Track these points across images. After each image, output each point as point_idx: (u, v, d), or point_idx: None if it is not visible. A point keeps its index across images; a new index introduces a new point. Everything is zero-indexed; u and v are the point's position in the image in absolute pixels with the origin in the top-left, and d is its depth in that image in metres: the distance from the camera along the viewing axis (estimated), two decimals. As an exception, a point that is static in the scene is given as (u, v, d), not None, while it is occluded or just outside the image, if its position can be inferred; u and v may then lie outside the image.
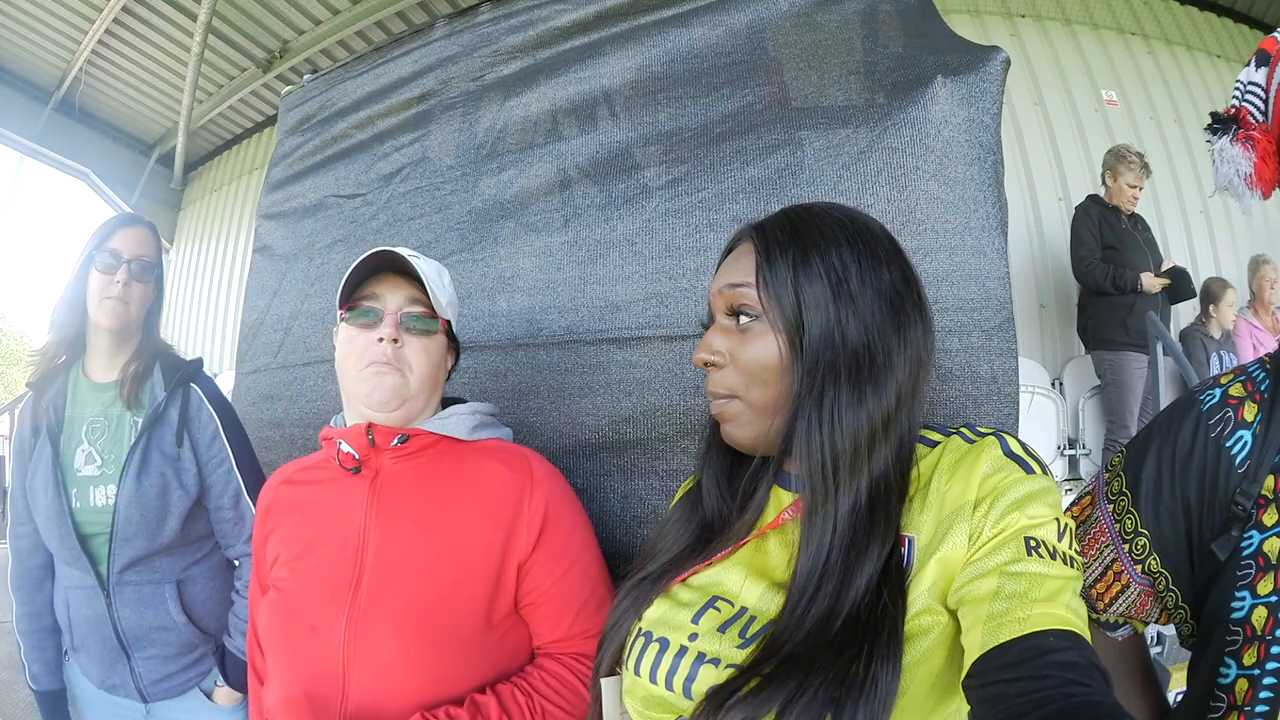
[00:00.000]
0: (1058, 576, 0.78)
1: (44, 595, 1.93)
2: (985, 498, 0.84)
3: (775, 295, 0.93)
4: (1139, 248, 4.85)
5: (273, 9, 7.72)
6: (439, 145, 2.12)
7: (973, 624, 0.78)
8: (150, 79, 9.24)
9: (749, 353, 0.95)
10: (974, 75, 1.41)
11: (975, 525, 0.83)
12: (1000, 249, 1.37)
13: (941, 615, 0.83)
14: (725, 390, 0.97)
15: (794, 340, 0.92)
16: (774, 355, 0.93)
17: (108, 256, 1.82)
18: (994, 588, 0.78)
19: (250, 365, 2.48)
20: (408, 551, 1.26)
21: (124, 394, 1.85)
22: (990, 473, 0.86)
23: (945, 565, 0.84)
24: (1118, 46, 6.42)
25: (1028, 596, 0.76)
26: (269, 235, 2.56)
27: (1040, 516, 0.82)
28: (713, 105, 1.67)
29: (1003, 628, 0.75)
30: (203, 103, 9.35)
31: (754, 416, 0.96)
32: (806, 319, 0.91)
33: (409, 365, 1.32)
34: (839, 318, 0.91)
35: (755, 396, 0.95)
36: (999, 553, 0.81)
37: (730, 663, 0.87)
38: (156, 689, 1.86)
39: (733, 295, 0.97)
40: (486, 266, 1.92)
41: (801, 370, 0.91)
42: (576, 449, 1.71)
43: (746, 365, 0.95)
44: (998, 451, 0.88)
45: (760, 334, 0.94)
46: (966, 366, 1.35)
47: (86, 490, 1.81)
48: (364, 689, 1.19)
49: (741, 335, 0.96)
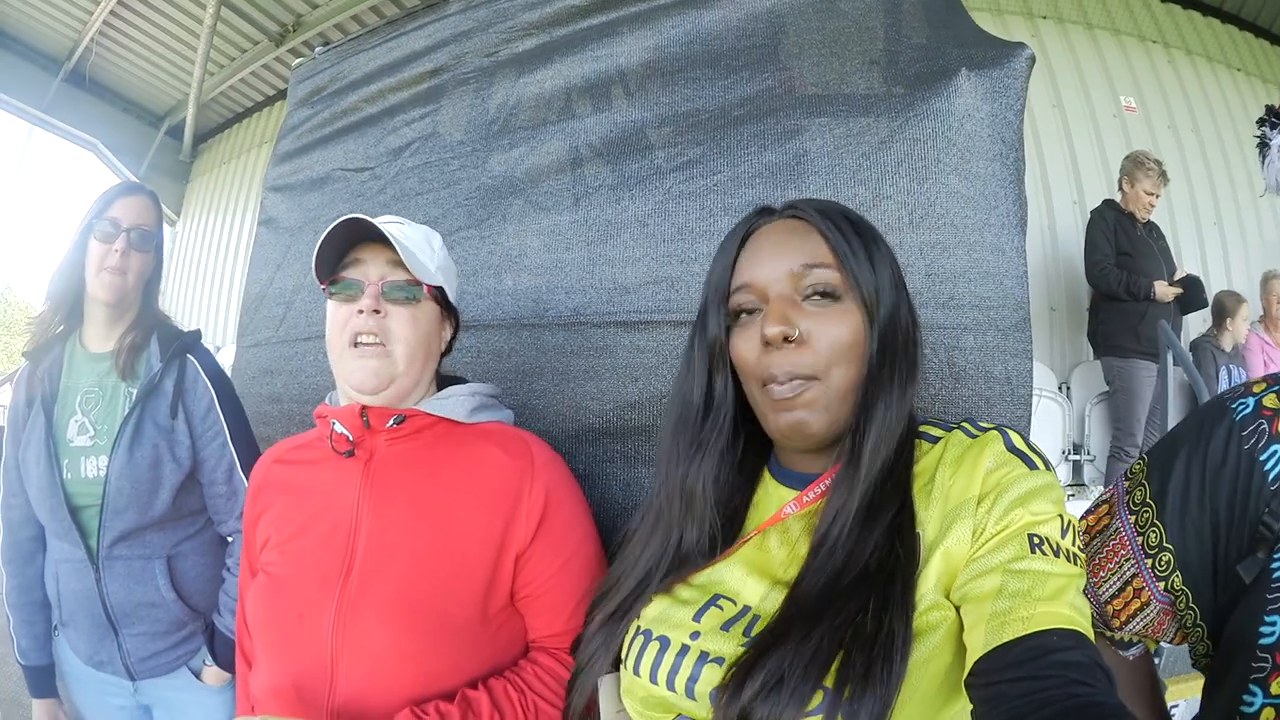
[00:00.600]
0: (1061, 574, 0.78)
1: (34, 568, 1.92)
2: (989, 493, 0.84)
3: (857, 271, 0.94)
4: (1153, 255, 4.83)
5: (287, -22, 7.70)
6: (450, 120, 2.09)
7: (976, 622, 0.78)
8: (162, 50, 9.23)
9: (834, 332, 0.93)
10: (999, 70, 1.39)
11: (979, 520, 0.83)
12: (1019, 248, 1.35)
13: (949, 610, 0.83)
14: (807, 370, 0.92)
15: (872, 318, 0.93)
16: (859, 334, 0.93)
17: (107, 225, 1.80)
18: (997, 585, 0.78)
19: (251, 339, 2.45)
20: (401, 538, 1.22)
21: (119, 364, 1.82)
22: (994, 468, 0.86)
23: (949, 560, 0.84)
24: (1138, 53, 6.39)
25: (1031, 595, 0.76)
26: (275, 208, 2.53)
27: (1044, 513, 0.82)
28: (731, 88, 1.63)
29: (1006, 627, 0.75)
30: (214, 75, 9.33)
31: (833, 400, 0.93)
32: (883, 297, 0.94)
33: (394, 336, 1.26)
34: (899, 301, 0.96)
35: (837, 378, 0.93)
36: (1002, 550, 0.80)
37: (734, 662, 0.85)
38: (144, 666, 1.84)
39: (807, 276, 0.94)
40: (494, 244, 1.89)
41: (874, 350, 0.93)
42: (579, 433, 1.68)
43: (833, 343, 0.93)
44: (1000, 446, 0.88)
45: (843, 313, 0.93)
46: (981, 366, 1.33)
47: (78, 461, 1.79)
48: (353, 680, 1.16)
49: (820, 313, 0.93)
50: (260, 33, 8.56)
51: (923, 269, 1.35)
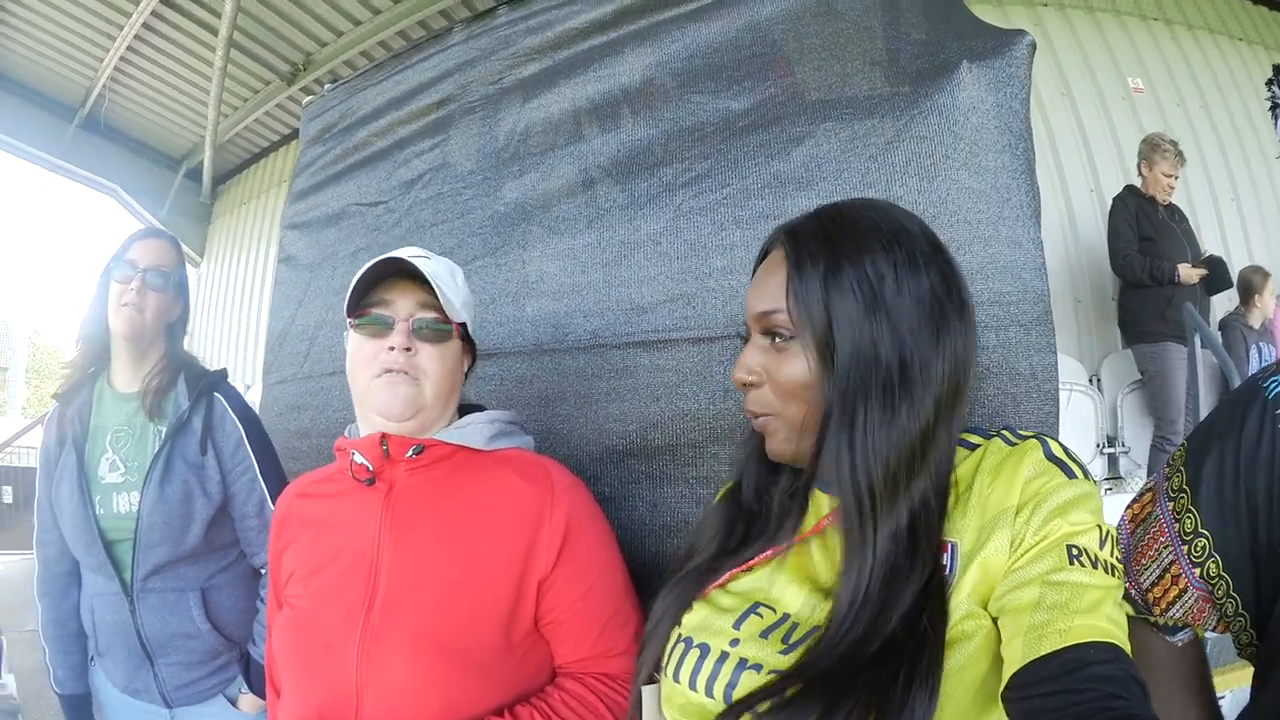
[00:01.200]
0: (1099, 586, 0.78)
1: (70, 601, 1.96)
2: (1027, 503, 0.83)
3: (806, 312, 0.92)
4: (1176, 239, 4.78)
5: (293, 21, 7.78)
6: (459, 150, 2.10)
7: (1013, 635, 0.78)
8: (174, 94, 9.38)
9: (783, 371, 0.94)
10: (1000, 60, 1.37)
11: (1017, 531, 0.82)
12: (1035, 239, 1.32)
13: (984, 620, 0.82)
14: (763, 409, 0.98)
15: (825, 357, 0.90)
16: (805, 373, 0.92)
17: (125, 267, 1.85)
18: (1035, 597, 0.78)
19: (277, 375, 2.48)
20: (423, 569, 1.22)
21: (146, 405, 1.87)
22: (1033, 476, 0.85)
23: (986, 570, 0.83)
24: (1141, 32, 6.34)
25: (1069, 607, 0.76)
26: (293, 245, 2.56)
27: (1082, 523, 0.81)
28: (734, 99, 1.63)
29: (1043, 640, 0.75)
30: (228, 116, 9.45)
31: (791, 433, 0.96)
32: (837, 336, 0.89)
33: (423, 373, 1.27)
34: (871, 333, 0.89)
35: (792, 413, 0.95)
36: (1040, 561, 0.80)
37: (773, 669, 0.86)
38: (180, 694, 1.88)
39: (765, 320, 0.96)
40: (510, 271, 1.90)
41: (832, 389, 0.89)
42: (604, 456, 1.68)
43: (782, 384, 0.95)
44: (1040, 455, 0.87)
45: (794, 352, 0.93)
46: (1004, 363, 1.31)
47: (110, 497, 1.84)
48: (377, 711, 1.16)
49: (777, 354, 0.95)
50: (271, 73, 8.66)
51: None
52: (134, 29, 7.96)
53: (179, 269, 1.95)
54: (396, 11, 7.47)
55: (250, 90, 9.12)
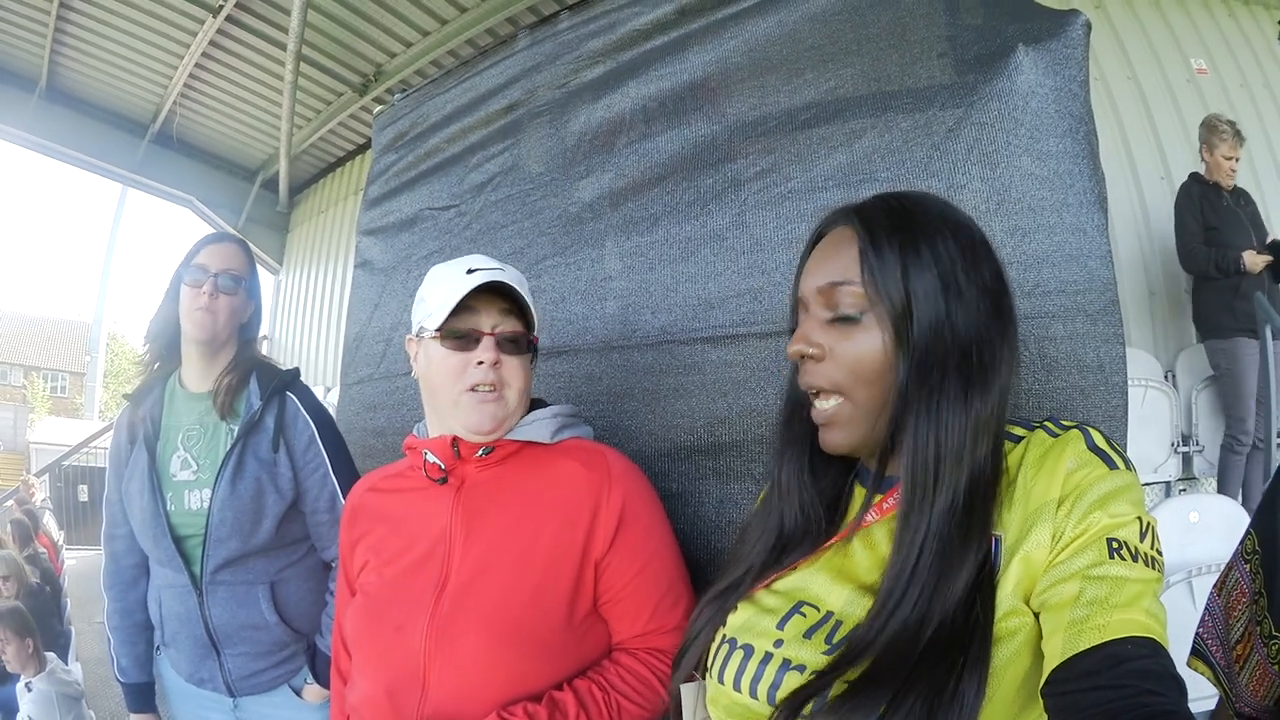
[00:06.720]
0: (1139, 580, 0.78)
1: (137, 593, 2.01)
2: (1069, 495, 0.83)
3: (883, 287, 0.91)
4: (1241, 225, 4.55)
5: (362, 34, 7.89)
6: (528, 153, 2.15)
7: (1054, 630, 0.78)
8: (246, 108, 9.63)
9: (852, 348, 0.93)
10: (1056, 41, 1.36)
11: (1058, 525, 0.83)
12: (1100, 225, 1.31)
13: (1027, 616, 0.82)
14: (828, 384, 0.95)
15: (901, 334, 0.90)
16: (878, 350, 0.91)
17: (196, 271, 1.88)
18: (1076, 592, 0.78)
19: (354, 376, 2.56)
20: (490, 556, 1.29)
21: (218, 404, 1.90)
22: (1075, 468, 0.85)
23: (1028, 564, 0.83)
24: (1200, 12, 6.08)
25: (1108, 602, 0.76)
26: (369, 250, 2.64)
27: (1123, 515, 0.81)
28: (797, 92, 1.64)
29: (1082, 635, 0.75)
30: (302, 128, 9.65)
31: (861, 418, 0.94)
32: (916, 312, 0.89)
33: (508, 384, 1.34)
34: (949, 311, 0.89)
35: (862, 396, 0.93)
36: (1081, 555, 0.80)
37: (816, 669, 0.86)
38: (245, 684, 1.92)
39: (833, 293, 0.95)
40: (579, 270, 1.94)
41: (909, 365, 0.89)
42: (671, 452, 1.70)
43: (849, 362, 0.93)
44: (1082, 445, 0.87)
45: (865, 328, 0.92)
46: (1072, 354, 1.29)
47: (181, 494, 1.88)
48: (443, 687, 1.22)
49: (843, 329, 0.94)
50: (343, 84, 8.80)
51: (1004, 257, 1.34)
52: (200, 47, 8.21)
53: (250, 271, 1.99)
54: (463, 21, 7.52)
55: (323, 102, 9.28)
